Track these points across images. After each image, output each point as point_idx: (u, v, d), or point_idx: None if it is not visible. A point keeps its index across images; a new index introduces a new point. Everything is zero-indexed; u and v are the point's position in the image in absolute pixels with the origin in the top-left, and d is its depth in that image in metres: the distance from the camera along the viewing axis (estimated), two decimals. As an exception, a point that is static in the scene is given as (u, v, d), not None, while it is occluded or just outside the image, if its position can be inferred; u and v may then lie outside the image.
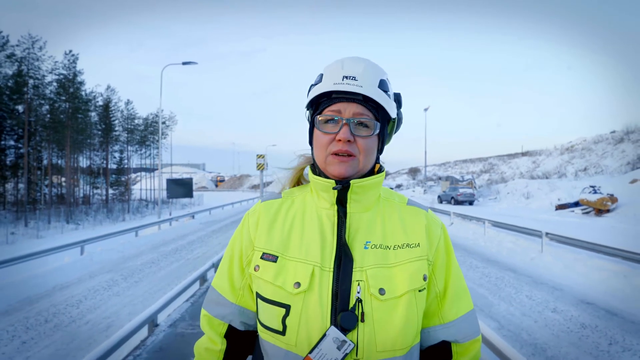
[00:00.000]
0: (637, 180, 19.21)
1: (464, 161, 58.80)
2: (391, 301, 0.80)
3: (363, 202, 0.88)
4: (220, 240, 12.17)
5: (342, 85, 0.83)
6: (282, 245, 0.85)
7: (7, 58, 21.89)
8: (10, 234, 17.88)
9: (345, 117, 0.84)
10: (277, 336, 0.80)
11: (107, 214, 27.35)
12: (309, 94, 0.92)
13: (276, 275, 0.82)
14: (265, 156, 13.07)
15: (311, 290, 0.79)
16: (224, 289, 0.92)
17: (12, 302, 5.92)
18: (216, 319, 0.93)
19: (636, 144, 26.83)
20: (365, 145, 0.85)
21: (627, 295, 5.84)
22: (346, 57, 0.91)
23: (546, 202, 21.75)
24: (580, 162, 30.91)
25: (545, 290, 6.31)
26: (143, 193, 41.99)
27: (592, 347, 4.20)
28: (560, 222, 15.21)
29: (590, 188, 18.71)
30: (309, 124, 0.93)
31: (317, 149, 0.88)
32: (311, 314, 0.78)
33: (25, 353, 4.17)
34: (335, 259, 0.82)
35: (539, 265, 8.01)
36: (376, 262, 0.82)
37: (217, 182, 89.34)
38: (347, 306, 0.78)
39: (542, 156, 40.10)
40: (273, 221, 0.90)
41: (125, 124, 35.33)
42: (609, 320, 4.96)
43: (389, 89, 0.89)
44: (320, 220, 0.87)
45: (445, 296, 0.90)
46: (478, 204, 26.92)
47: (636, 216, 15.23)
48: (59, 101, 25.71)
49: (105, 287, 6.79)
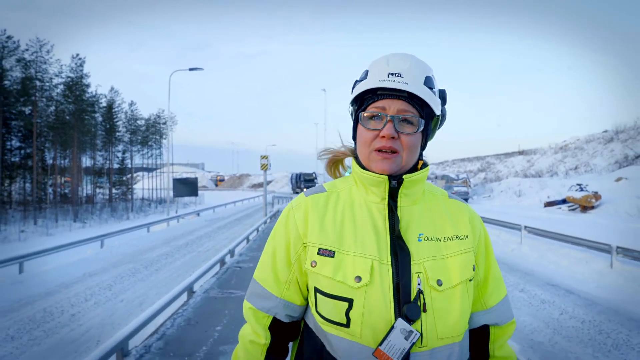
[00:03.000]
0: (622, 179, 20.12)
1: (461, 160, 59.61)
2: (448, 291, 0.83)
3: (411, 196, 0.90)
4: (227, 236, 13.02)
5: (387, 82, 0.84)
6: (337, 239, 0.86)
7: (17, 62, 22.67)
8: (21, 232, 18.66)
9: (390, 114, 0.85)
10: (341, 328, 0.82)
11: (111, 213, 28.14)
12: (353, 90, 0.93)
13: (335, 270, 0.83)
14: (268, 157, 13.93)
15: (372, 283, 0.81)
16: (268, 283, 0.93)
17: (51, 287, 6.77)
18: (261, 312, 0.93)
19: (624, 143, 27.75)
20: (409, 142, 0.85)
21: (586, 277, 6.73)
22: (392, 53, 0.91)
23: (536, 200, 22.67)
24: (572, 161, 31.81)
25: (518, 276, 7.19)
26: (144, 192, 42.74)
27: (546, 316, 5.08)
28: (547, 219, 16.12)
29: (576, 186, 19.60)
30: (352, 119, 0.96)
31: (361, 144, 0.89)
32: (374, 307, 0.80)
33: (76, 322, 5.03)
34: (391, 252, 0.83)
35: (517, 255, 8.90)
36: (430, 254, 0.85)
37: (217, 181, 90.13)
38: (409, 298, 0.80)
39: (536, 155, 40.91)
40: (323, 215, 0.90)
41: (128, 125, 36.12)
42: (565, 297, 5.85)
43: (435, 85, 0.90)
44: (371, 214, 0.88)
45: (487, 284, 0.94)
46: (472, 202, 27.85)
47: (617, 212, 16.15)
48: (65, 103, 26.49)
49: (129, 274, 7.65)
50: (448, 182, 33.47)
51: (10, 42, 22.18)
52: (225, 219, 19.18)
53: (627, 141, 27.77)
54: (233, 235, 12.68)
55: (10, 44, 22.15)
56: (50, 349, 4.23)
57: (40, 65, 24.08)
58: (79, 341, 4.44)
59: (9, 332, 4.73)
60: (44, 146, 26.30)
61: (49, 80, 24.77)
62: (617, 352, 4.00)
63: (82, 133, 28.15)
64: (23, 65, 23.02)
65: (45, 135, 25.93)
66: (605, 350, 4.06)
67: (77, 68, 26.83)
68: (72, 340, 4.48)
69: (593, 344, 4.22)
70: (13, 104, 23.20)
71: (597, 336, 4.42)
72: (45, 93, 24.85)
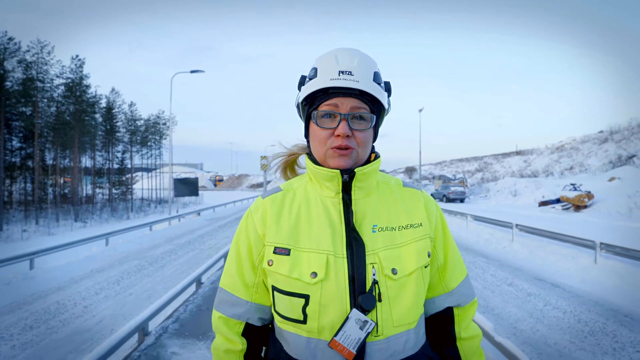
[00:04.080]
0: (615, 179, 20.51)
1: (459, 160, 60.05)
2: (403, 279, 0.84)
3: (365, 188, 0.91)
4: (227, 234, 13.33)
5: (339, 80, 0.84)
6: (293, 237, 0.86)
7: (19, 63, 22.92)
8: (23, 231, 18.92)
9: (343, 112, 0.85)
10: (298, 325, 0.83)
11: (111, 213, 28.40)
12: (301, 88, 0.93)
13: (291, 268, 0.84)
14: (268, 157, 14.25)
15: (328, 278, 0.81)
16: (237, 289, 0.92)
17: (61, 282, 7.07)
18: (232, 319, 0.92)
19: (618, 143, 28.18)
20: (363, 138, 0.87)
21: (572, 272, 7.08)
22: (338, 48, 0.91)
23: (531, 199, 23.06)
24: (567, 161, 32.25)
25: (508, 271, 7.53)
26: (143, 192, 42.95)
27: (531, 308, 5.42)
28: (540, 217, 16.49)
29: (570, 186, 19.99)
30: (301, 116, 0.96)
31: (316, 143, 0.89)
32: (330, 301, 0.81)
33: (89, 313, 5.34)
34: (346, 245, 0.84)
35: (509, 251, 9.24)
36: (385, 244, 0.86)
37: (215, 181, 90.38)
38: (364, 289, 0.81)
39: (533, 155, 41.33)
40: (279, 214, 0.90)
41: (128, 125, 36.38)
42: (550, 290, 6.18)
43: (381, 80, 0.91)
44: (327, 209, 0.89)
45: (446, 267, 0.96)
46: (469, 201, 28.24)
47: (609, 211, 16.54)
48: (66, 104, 26.75)
49: (135, 270, 7.96)
50: (445, 182, 33.90)
51: (11, 44, 22.44)
52: (225, 218, 19.49)
53: (621, 142, 28.21)
54: (233, 235, 12.97)
55: (12, 46, 22.42)
56: (67, 337, 4.55)
57: (42, 66, 24.35)
58: (93, 330, 4.75)
59: (27, 322, 5.04)
60: (44, 147, 26.54)
61: (50, 81, 25.04)
62: (592, 338, 4.33)
63: (82, 133, 28.41)
64: (24, 67, 23.27)
65: (46, 136, 26.18)
66: (582, 336, 4.40)
67: (77, 69, 27.10)
68: (87, 329, 4.79)
69: (571, 331, 4.56)
70: (14, 105, 23.44)
71: (576, 325, 4.76)
72: (46, 94, 25.10)
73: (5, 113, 22.26)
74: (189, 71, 19.19)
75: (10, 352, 4.16)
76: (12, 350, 4.19)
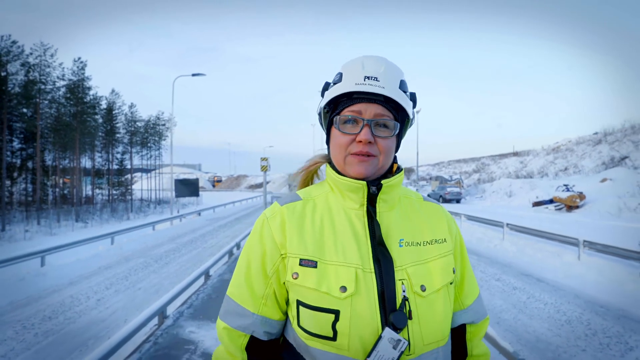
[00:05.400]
0: (607, 180, 20.97)
1: (457, 161, 60.52)
2: (431, 296, 0.83)
3: (389, 201, 0.90)
4: (228, 234, 13.69)
5: (364, 85, 0.84)
6: (318, 249, 0.83)
7: (22, 66, 23.25)
8: (25, 231, 19.23)
9: (367, 118, 0.84)
10: (328, 342, 0.79)
11: (111, 213, 28.70)
12: (325, 92, 0.92)
13: (319, 281, 0.80)
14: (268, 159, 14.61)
15: (358, 293, 0.79)
16: (244, 299, 0.88)
17: (72, 278, 7.43)
18: (236, 331, 0.88)
19: (612, 145, 28.68)
20: (386, 145, 0.86)
21: (557, 268, 7.49)
22: (365, 55, 0.90)
23: (525, 200, 23.51)
24: (562, 162, 32.72)
25: (497, 267, 7.93)
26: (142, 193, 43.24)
27: (515, 300, 5.82)
28: (533, 217, 16.92)
29: (563, 186, 20.45)
30: (322, 124, 0.94)
31: (336, 149, 0.88)
32: (361, 317, 0.78)
33: (102, 305, 5.71)
34: (373, 260, 0.82)
35: (499, 249, 9.65)
36: (412, 259, 0.85)
37: (214, 182, 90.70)
38: (394, 305, 0.79)
39: (529, 156, 41.79)
40: (301, 224, 0.87)
41: (128, 126, 36.71)
42: (535, 285, 6.59)
43: (407, 89, 0.90)
44: (350, 221, 0.87)
45: (463, 284, 0.96)
46: (465, 202, 28.69)
47: (600, 211, 16.99)
48: (67, 106, 27.08)
49: (142, 267, 8.33)
50: (442, 182, 34.37)
51: (15, 47, 22.77)
52: (225, 218, 19.85)
53: (614, 143, 28.71)
54: (234, 234, 13.36)
55: (15, 49, 22.75)
56: (85, 325, 4.92)
57: (44, 68, 24.68)
58: (108, 320, 5.12)
59: (45, 313, 5.40)
60: (44, 147, 26.86)
61: (52, 84, 25.38)
62: (568, 326, 4.73)
63: (83, 134, 28.74)
64: (27, 69, 23.60)
65: (46, 137, 26.49)
66: (559, 324, 4.80)
67: (79, 71, 27.44)
68: (102, 319, 5.16)
69: (550, 320, 4.96)
70: (16, 107, 23.76)
71: (555, 314, 5.16)
72: (47, 96, 25.43)
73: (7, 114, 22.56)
74: (190, 74, 19.57)
75: (34, 339, 4.53)
76: (36, 337, 4.56)
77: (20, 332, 4.74)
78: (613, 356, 3.92)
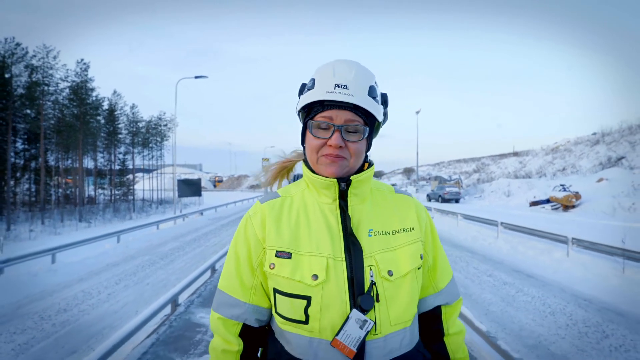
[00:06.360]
0: (603, 180, 21.27)
1: (457, 161, 60.78)
2: (398, 280, 0.91)
3: (360, 195, 0.97)
4: (230, 233, 14.01)
5: (334, 94, 0.89)
6: (293, 241, 0.92)
7: (25, 68, 23.60)
8: (30, 231, 19.57)
9: (337, 124, 0.90)
10: (300, 325, 0.87)
11: (114, 213, 29.04)
12: (300, 97, 0.98)
13: (293, 270, 0.89)
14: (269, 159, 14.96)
15: (328, 280, 0.87)
16: (235, 290, 0.96)
17: (82, 274, 7.76)
18: (230, 320, 0.96)
19: (609, 145, 28.97)
20: (355, 149, 0.92)
21: (547, 264, 7.80)
22: (337, 60, 0.96)
23: (523, 200, 23.82)
24: (560, 162, 33.01)
25: (490, 264, 8.25)
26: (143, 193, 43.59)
27: (504, 294, 6.13)
28: (530, 217, 17.23)
29: (560, 186, 20.76)
30: (301, 124, 1.00)
31: (309, 151, 0.95)
32: (331, 302, 0.86)
33: (114, 299, 6.04)
34: (345, 249, 0.90)
35: (493, 247, 9.97)
36: (381, 247, 0.92)
37: (215, 182, 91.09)
38: (363, 290, 0.87)
39: (529, 156, 42.06)
40: (279, 220, 0.95)
41: (129, 127, 37.08)
42: (524, 280, 6.90)
43: (377, 94, 0.95)
44: (324, 215, 0.95)
45: (436, 268, 1.05)
46: (464, 202, 29.00)
47: (595, 211, 17.30)
48: (70, 107, 27.43)
49: (148, 264, 8.65)
50: (441, 182, 34.71)
51: (19, 49, 23.12)
52: (227, 217, 20.18)
53: (611, 144, 29.00)
54: (236, 233, 13.66)
55: (19, 51, 23.10)
56: (99, 317, 5.24)
57: (47, 70, 25.03)
58: (120, 312, 5.45)
59: (59, 306, 5.73)
60: (48, 148, 27.22)
61: (55, 85, 25.73)
62: (552, 317, 5.05)
63: (86, 135, 29.09)
64: (30, 71, 23.94)
65: (50, 138, 26.84)
66: (543, 315, 5.11)
67: (82, 72, 27.80)
68: (114, 311, 5.49)
69: (535, 312, 5.27)
70: (19, 108, 24.11)
71: (541, 307, 5.47)
72: (51, 97, 25.78)
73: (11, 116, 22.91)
74: (192, 76, 19.92)
75: (53, 328, 4.86)
76: (54, 327, 4.88)
77: (38, 322, 5.06)
78: (589, 342, 4.24)
